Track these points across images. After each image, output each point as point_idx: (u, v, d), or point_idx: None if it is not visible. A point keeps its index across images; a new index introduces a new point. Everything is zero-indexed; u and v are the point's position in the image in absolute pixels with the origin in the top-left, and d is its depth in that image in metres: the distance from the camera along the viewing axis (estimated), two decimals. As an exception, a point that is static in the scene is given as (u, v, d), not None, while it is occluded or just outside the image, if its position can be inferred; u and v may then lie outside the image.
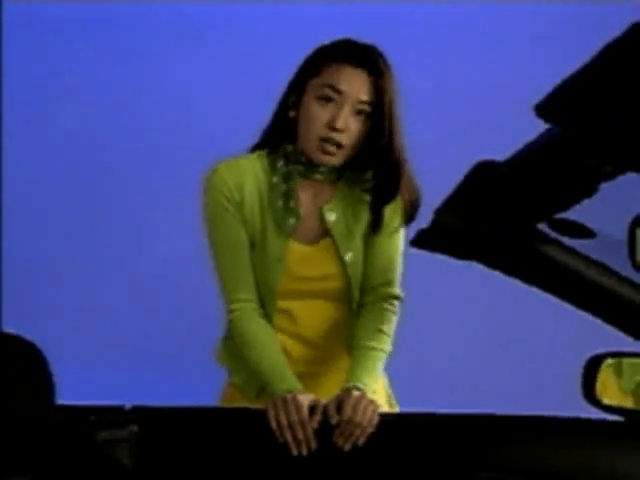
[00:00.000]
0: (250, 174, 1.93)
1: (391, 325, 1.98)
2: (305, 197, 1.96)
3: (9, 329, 1.66)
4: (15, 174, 3.31)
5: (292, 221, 1.93)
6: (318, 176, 1.94)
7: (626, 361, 1.61)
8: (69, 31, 3.30)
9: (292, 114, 1.90)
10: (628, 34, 0.81)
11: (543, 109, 0.91)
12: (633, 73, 0.84)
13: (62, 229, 3.33)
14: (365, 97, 1.85)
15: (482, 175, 1.12)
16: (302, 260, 1.96)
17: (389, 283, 1.99)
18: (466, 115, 3.21)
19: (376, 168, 1.91)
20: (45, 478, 1.65)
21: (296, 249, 1.95)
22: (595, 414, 1.67)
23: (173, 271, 3.27)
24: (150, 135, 3.31)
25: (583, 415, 1.72)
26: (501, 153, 1.13)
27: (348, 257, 1.96)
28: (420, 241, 1.36)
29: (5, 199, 3.33)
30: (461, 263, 1.36)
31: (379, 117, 1.85)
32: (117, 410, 1.79)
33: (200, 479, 1.78)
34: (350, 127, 1.85)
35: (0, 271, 3.32)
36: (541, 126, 0.98)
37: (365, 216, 1.97)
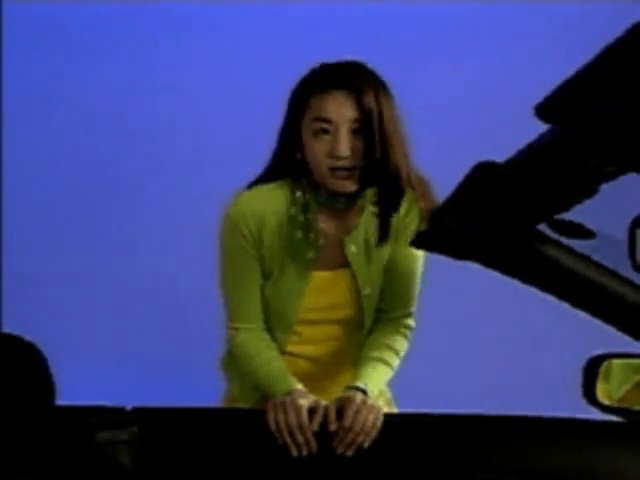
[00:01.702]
0: (271, 207, 1.91)
1: (401, 347, 1.98)
2: (326, 227, 1.94)
3: (9, 329, 1.66)
4: (15, 174, 3.30)
5: (311, 254, 1.91)
6: (339, 205, 1.91)
7: (616, 365, 1.60)
8: (69, 31, 3.30)
9: (298, 156, 1.88)
10: (628, 34, 0.80)
11: (543, 110, 0.91)
12: (633, 73, 0.84)
13: (63, 229, 3.32)
14: (354, 115, 1.82)
15: (482, 176, 1.11)
16: (319, 289, 1.95)
17: (406, 316, 2.00)
18: (466, 116, 3.20)
19: (378, 182, 1.88)
20: (45, 479, 1.65)
21: (314, 278, 1.94)
22: (595, 414, 1.67)
23: (175, 271, 3.26)
24: (151, 136, 3.30)
25: (583, 415, 1.72)
26: (501, 154, 1.13)
27: (367, 292, 1.95)
28: (419, 241, 1.36)
29: (5, 199, 3.32)
30: (460, 264, 1.35)
31: (370, 133, 1.83)
32: (117, 411, 1.79)
33: (200, 480, 1.78)
34: (354, 148, 1.83)
35: (0, 271, 3.32)
36: (541, 127, 0.98)
37: (386, 247, 1.95)
